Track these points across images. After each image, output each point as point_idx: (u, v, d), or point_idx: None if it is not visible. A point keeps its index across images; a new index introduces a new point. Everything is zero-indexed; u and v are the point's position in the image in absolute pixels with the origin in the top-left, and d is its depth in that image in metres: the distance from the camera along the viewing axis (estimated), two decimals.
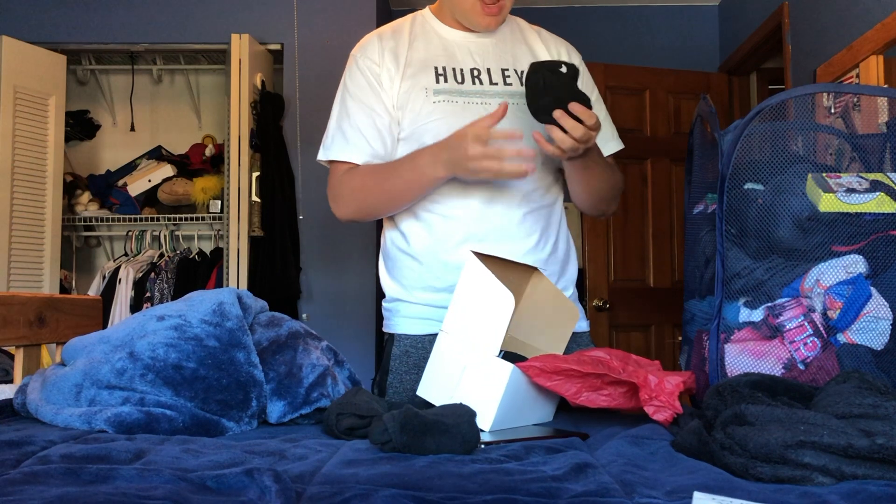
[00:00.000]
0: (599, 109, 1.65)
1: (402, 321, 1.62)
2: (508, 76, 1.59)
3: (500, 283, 1.21)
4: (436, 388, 1.25)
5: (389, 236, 1.65)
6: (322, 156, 1.60)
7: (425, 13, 1.67)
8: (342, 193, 1.57)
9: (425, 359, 1.58)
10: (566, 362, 1.16)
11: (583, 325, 1.68)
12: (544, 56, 1.64)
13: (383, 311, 1.69)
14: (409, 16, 1.69)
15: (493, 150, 1.36)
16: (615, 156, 1.75)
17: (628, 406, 1.18)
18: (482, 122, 1.38)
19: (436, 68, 1.58)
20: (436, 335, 1.57)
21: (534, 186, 1.58)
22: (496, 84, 1.58)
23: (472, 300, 1.24)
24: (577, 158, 1.46)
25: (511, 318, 1.20)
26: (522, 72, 1.59)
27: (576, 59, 1.68)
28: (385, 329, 1.68)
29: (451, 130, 1.46)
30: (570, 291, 1.68)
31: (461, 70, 1.58)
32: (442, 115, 1.54)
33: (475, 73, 1.59)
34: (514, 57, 1.62)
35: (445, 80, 1.57)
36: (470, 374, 1.21)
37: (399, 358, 1.60)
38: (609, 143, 1.68)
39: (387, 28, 1.66)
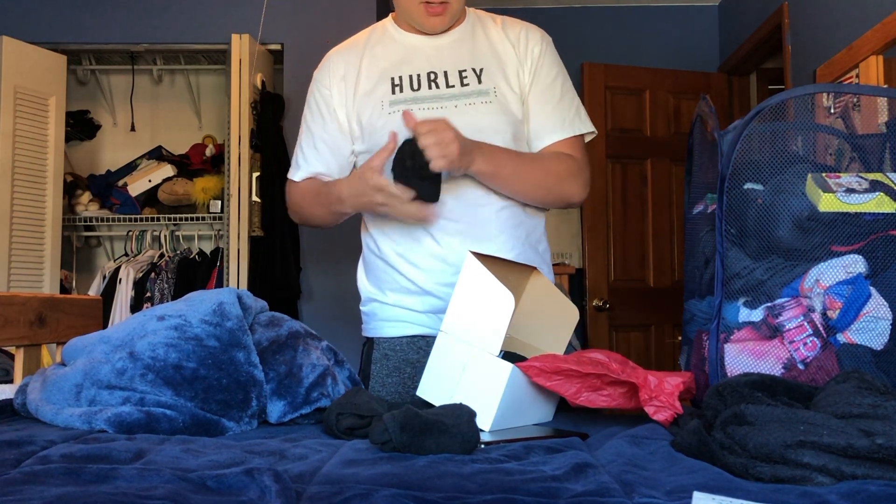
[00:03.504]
0: (555, 89, 1.62)
1: (379, 324, 1.63)
2: (466, 77, 1.58)
3: (499, 283, 1.21)
4: (436, 388, 1.25)
5: (364, 240, 1.68)
6: (288, 178, 1.72)
7: (386, 22, 1.68)
8: (289, 204, 1.71)
9: (404, 361, 1.59)
10: (566, 362, 1.16)
11: None
12: (504, 46, 1.61)
13: (362, 315, 1.69)
14: (371, 27, 1.70)
15: (395, 200, 1.40)
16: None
17: (628, 406, 1.18)
18: (374, 165, 1.40)
19: (392, 79, 1.59)
20: (412, 337, 1.59)
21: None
22: (453, 87, 1.57)
23: (472, 300, 1.24)
24: (471, 168, 1.46)
25: (511, 318, 1.20)
26: (482, 69, 1.58)
27: (535, 35, 1.64)
28: (363, 333, 1.69)
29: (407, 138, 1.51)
30: None
31: (417, 76, 1.58)
32: (398, 125, 1.53)
33: (432, 76, 1.58)
34: (473, 56, 1.60)
35: (401, 90, 1.58)
36: (470, 374, 1.21)
37: (379, 362, 1.61)
38: (566, 127, 1.61)
39: (342, 45, 1.69)
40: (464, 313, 1.24)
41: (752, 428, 0.89)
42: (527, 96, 1.61)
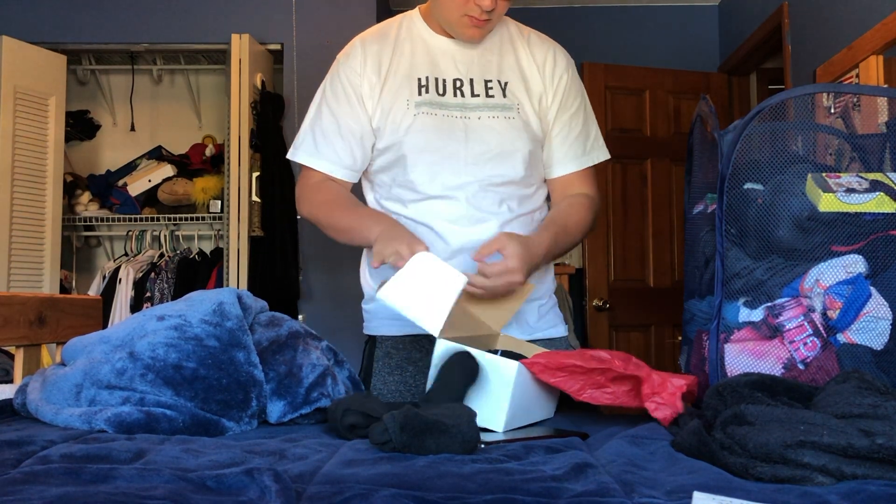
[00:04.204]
0: (578, 119, 1.63)
1: (381, 323, 1.64)
2: (491, 88, 1.57)
3: (407, 270, 1.28)
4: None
5: None
6: (291, 155, 1.64)
7: (414, 16, 1.64)
8: (305, 201, 1.63)
9: (407, 359, 1.59)
10: (569, 358, 1.17)
11: (560, 331, 1.67)
12: (530, 67, 1.61)
13: (363, 313, 1.69)
14: (398, 17, 1.67)
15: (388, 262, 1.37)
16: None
17: (632, 405, 1.18)
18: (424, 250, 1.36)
19: (419, 79, 1.57)
20: (415, 336, 1.59)
21: (511, 196, 1.57)
22: (478, 96, 1.56)
23: (421, 295, 1.27)
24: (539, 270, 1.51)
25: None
26: (507, 83, 1.58)
27: (562, 62, 1.63)
28: (365, 331, 1.69)
29: (430, 144, 1.52)
30: (546, 300, 1.67)
31: (444, 81, 1.57)
32: (421, 128, 1.53)
33: (458, 83, 1.57)
34: (500, 68, 1.59)
35: (427, 91, 1.56)
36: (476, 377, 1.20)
37: (381, 360, 1.62)
38: (587, 155, 1.64)
39: (372, 33, 1.64)
40: (429, 308, 1.26)
41: (752, 428, 0.89)
42: (550, 122, 1.61)
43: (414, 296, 1.27)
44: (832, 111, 1.40)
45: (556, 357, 1.18)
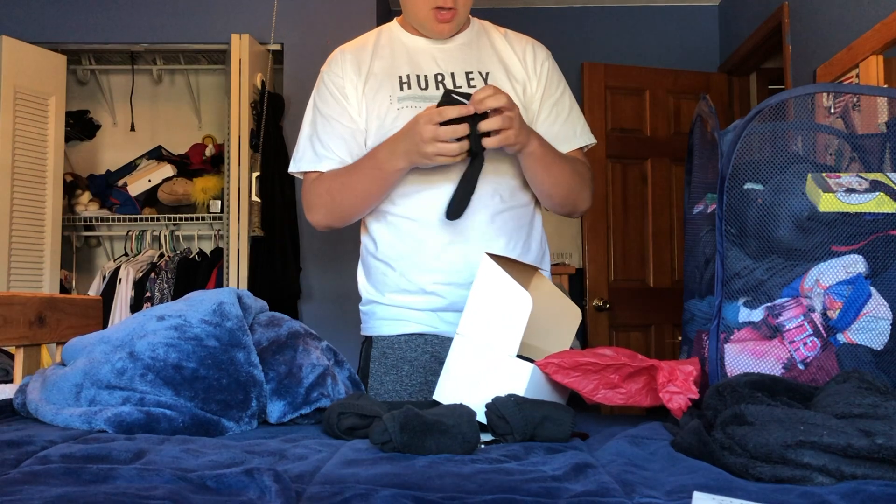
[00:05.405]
0: (564, 103, 1.67)
1: (377, 323, 1.64)
2: (472, 79, 1.60)
3: (516, 284, 1.21)
4: (454, 391, 1.23)
5: (363, 242, 1.68)
6: (293, 168, 1.66)
7: (392, 25, 1.70)
8: (313, 200, 1.62)
9: (402, 359, 1.59)
10: (583, 356, 1.16)
11: None
12: (510, 58, 1.66)
13: (361, 315, 1.70)
14: (377, 29, 1.72)
15: (444, 131, 1.37)
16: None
17: (644, 404, 1.17)
18: (432, 108, 1.40)
19: (400, 77, 1.60)
20: (410, 335, 1.60)
21: (502, 187, 1.58)
22: (460, 87, 1.59)
23: (489, 302, 1.24)
24: (526, 149, 1.46)
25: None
26: (488, 74, 1.61)
27: (541, 52, 1.69)
28: (362, 332, 1.69)
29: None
30: None
31: (425, 76, 1.60)
32: (405, 122, 1.54)
33: (439, 77, 1.60)
34: (480, 60, 1.63)
35: (409, 87, 1.59)
36: (489, 376, 1.20)
37: (377, 360, 1.62)
38: (578, 137, 1.67)
39: (351, 43, 1.70)
40: (481, 315, 1.24)
41: (752, 428, 0.89)
42: (537, 109, 1.64)
43: (492, 304, 1.24)
44: (832, 111, 1.40)
45: (569, 356, 1.17)
